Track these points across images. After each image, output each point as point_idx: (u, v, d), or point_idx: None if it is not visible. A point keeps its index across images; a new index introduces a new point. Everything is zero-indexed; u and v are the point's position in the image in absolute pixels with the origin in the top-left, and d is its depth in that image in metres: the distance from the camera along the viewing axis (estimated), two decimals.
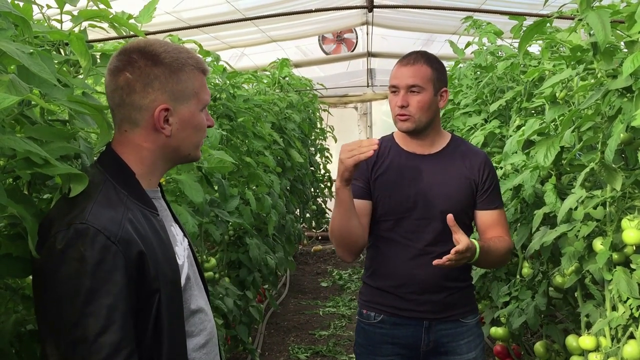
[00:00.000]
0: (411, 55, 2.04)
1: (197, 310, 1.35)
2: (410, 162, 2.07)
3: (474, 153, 2.11)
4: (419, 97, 1.98)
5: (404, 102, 1.99)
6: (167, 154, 1.31)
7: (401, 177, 2.05)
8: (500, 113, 3.38)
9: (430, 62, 2.02)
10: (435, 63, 2.04)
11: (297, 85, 6.18)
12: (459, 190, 2.04)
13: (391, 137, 2.15)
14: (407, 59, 2.03)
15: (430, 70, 2.00)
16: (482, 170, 2.07)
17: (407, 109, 1.99)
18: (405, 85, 1.99)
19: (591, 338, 1.98)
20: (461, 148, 2.11)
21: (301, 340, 4.82)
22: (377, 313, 2.10)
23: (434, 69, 2.02)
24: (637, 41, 1.61)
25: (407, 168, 2.06)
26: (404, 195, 2.04)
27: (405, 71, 2.00)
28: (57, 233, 1.13)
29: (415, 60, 2.01)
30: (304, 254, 7.71)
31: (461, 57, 4.15)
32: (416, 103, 1.99)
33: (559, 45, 2.58)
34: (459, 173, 2.05)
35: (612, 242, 1.89)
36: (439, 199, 2.01)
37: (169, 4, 4.95)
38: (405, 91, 1.99)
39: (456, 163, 2.06)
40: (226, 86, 3.25)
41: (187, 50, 1.31)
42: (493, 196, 2.08)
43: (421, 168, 2.05)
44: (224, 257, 3.28)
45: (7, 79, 1.05)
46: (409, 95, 1.99)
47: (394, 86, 2.02)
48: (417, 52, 2.07)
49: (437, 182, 2.02)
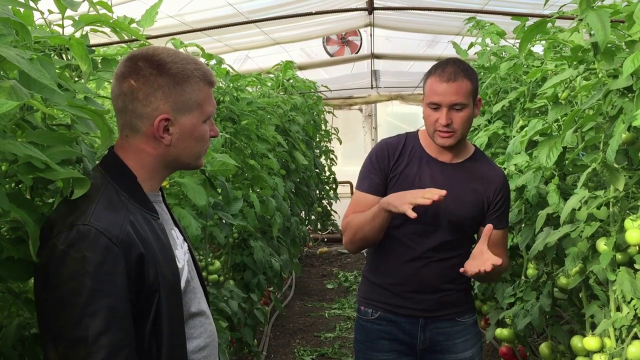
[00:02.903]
0: (448, 67, 1.97)
1: (197, 313, 1.36)
2: (430, 167, 2.07)
3: (494, 172, 2.11)
4: (462, 114, 1.96)
5: (448, 120, 1.96)
6: (167, 162, 1.32)
7: (418, 180, 2.04)
8: (503, 114, 3.37)
9: (469, 75, 1.98)
10: (472, 74, 2.00)
11: (301, 87, 6.19)
12: (472, 205, 2.05)
13: (416, 136, 2.12)
14: (446, 74, 1.95)
15: (470, 84, 1.97)
16: (497, 192, 2.08)
17: (451, 127, 1.97)
18: (449, 103, 1.95)
19: (595, 339, 1.97)
20: (482, 163, 2.11)
21: (307, 342, 4.82)
22: (375, 309, 2.13)
23: (472, 81, 1.98)
24: (637, 41, 1.60)
25: (426, 172, 2.06)
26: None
27: (447, 88, 1.94)
28: (59, 234, 1.15)
29: (455, 75, 1.95)
30: (310, 256, 7.71)
31: (464, 58, 4.14)
32: (460, 120, 1.97)
33: (562, 46, 2.58)
34: (475, 189, 2.06)
35: (616, 242, 1.87)
36: (450, 209, 2.02)
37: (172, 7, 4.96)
38: (448, 109, 1.95)
39: (474, 178, 2.07)
40: (229, 89, 3.26)
41: (196, 61, 1.32)
42: (502, 217, 2.10)
43: (439, 175, 2.05)
44: (229, 260, 3.29)
45: (8, 85, 1.06)
46: (452, 112, 1.96)
47: (436, 103, 1.96)
48: (453, 63, 1.99)
49: (452, 193, 1.99)
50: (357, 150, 8.97)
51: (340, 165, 7.93)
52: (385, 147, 2.10)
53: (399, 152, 2.07)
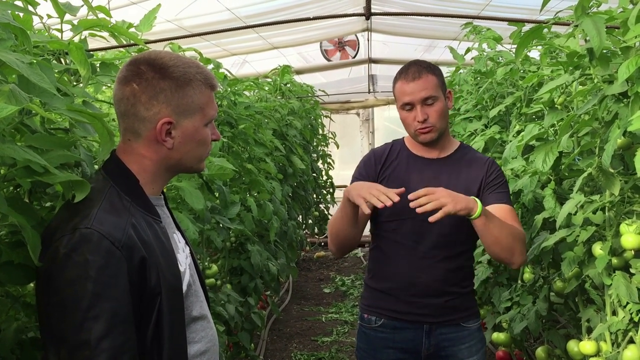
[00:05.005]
0: (410, 67, 2.06)
1: (199, 317, 1.37)
2: (417, 165, 2.10)
3: (480, 158, 2.14)
4: (435, 107, 2.02)
5: (424, 115, 2.01)
6: (169, 165, 1.32)
7: (407, 180, 2.07)
8: (500, 118, 3.39)
9: (432, 70, 2.05)
10: (435, 69, 2.07)
11: (298, 91, 6.20)
12: (465, 192, 2.01)
13: (402, 141, 2.19)
14: (410, 73, 2.04)
15: (436, 78, 2.04)
16: (489, 171, 2.08)
17: (427, 121, 2.02)
18: (420, 99, 2.01)
19: (592, 343, 1.98)
20: (469, 155, 2.14)
21: (304, 346, 4.82)
22: (378, 317, 2.11)
23: (437, 75, 2.06)
24: (632, 47, 1.61)
25: (413, 171, 2.09)
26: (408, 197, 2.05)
27: (414, 86, 2.01)
28: (62, 237, 1.15)
29: (419, 72, 2.02)
30: (307, 260, 7.71)
31: (461, 62, 4.16)
32: (434, 113, 2.02)
33: (558, 51, 2.59)
34: (465, 178, 2.07)
35: (612, 246, 1.88)
36: None
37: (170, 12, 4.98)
38: (421, 105, 2.01)
39: (463, 168, 2.09)
40: (227, 93, 3.26)
41: (198, 65, 1.32)
42: (501, 194, 2.06)
43: (427, 171, 2.08)
44: (226, 264, 3.29)
45: (7, 89, 1.06)
46: (425, 107, 2.01)
47: (408, 103, 2.03)
48: (414, 63, 2.08)
49: (443, 185, 2.02)
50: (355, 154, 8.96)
51: (337, 170, 7.94)
52: (371, 155, 2.19)
53: (385, 156, 2.14)
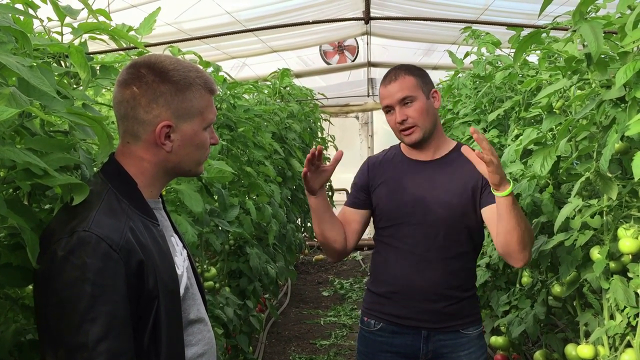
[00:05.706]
0: (390, 72, 2.09)
1: (196, 320, 1.37)
2: (412, 168, 2.10)
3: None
4: (414, 107, 2.02)
5: (402, 116, 2.02)
6: (167, 169, 1.33)
7: (401, 183, 2.08)
8: (499, 122, 3.40)
9: (410, 71, 2.07)
10: (415, 70, 2.08)
11: (298, 95, 6.21)
12: (461, 195, 2.03)
13: (398, 146, 2.20)
14: (387, 78, 2.08)
15: (414, 78, 2.05)
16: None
17: (407, 122, 2.03)
18: (397, 100, 2.03)
19: (589, 347, 1.98)
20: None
21: (302, 349, 4.81)
22: (377, 321, 2.11)
23: (416, 75, 2.06)
24: (630, 52, 1.62)
25: (408, 174, 2.09)
26: (403, 200, 2.06)
27: (391, 88, 2.04)
28: (60, 240, 1.15)
29: (396, 75, 2.05)
30: (306, 263, 7.70)
31: (460, 66, 4.18)
32: (414, 112, 2.02)
33: (556, 56, 2.60)
34: (462, 177, 2.04)
35: (609, 250, 1.89)
36: (438, 204, 2.02)
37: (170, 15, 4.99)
38: (399, 106, 2.03)
39: (459, 168, 2.05)
40: (226, 96, 3.27)
41: (197, 69, 1.33)
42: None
43: (422, 174, 2.08)
44: (225, 267, 3.29)
45: (8, 92, 1.07)
46: (404, 108, 2.03)
47: (387, 106, 2.06)
48: (395, 67, 2.11)
49: (437, 187, 2.04)
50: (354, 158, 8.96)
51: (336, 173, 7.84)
52: (365, 163, 2.24)
53: (379, 163, 2.18)
